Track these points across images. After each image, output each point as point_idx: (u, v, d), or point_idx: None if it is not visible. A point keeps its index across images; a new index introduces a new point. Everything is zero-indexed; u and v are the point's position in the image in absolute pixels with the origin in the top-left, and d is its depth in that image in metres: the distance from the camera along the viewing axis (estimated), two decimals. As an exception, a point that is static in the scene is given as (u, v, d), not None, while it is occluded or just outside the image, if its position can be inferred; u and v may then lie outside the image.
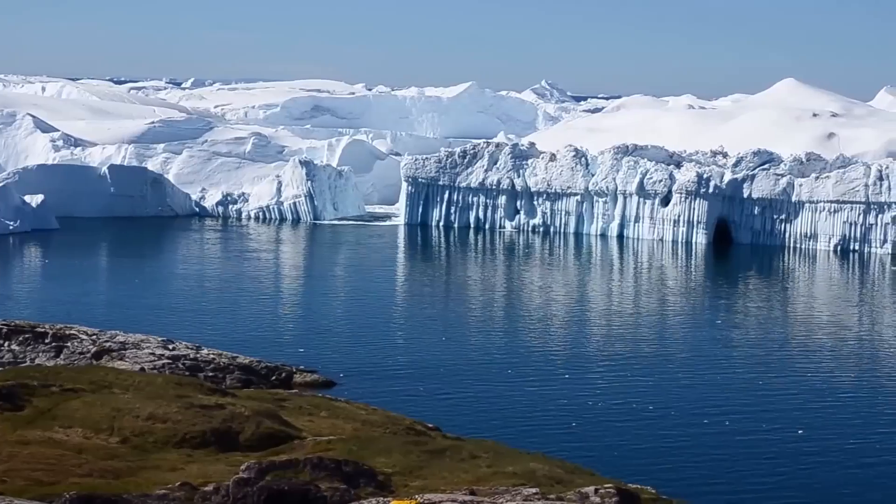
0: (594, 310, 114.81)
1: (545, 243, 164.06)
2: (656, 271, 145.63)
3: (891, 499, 60.26)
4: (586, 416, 73.04)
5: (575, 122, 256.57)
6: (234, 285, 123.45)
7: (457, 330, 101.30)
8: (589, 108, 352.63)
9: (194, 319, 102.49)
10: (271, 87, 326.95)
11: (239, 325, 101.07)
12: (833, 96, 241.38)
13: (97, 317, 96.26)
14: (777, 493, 60.08)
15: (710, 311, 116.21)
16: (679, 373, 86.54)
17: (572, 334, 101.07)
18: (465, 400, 76.55)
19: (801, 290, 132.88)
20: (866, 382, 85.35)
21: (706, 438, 69.44)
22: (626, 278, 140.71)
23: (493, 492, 29.39)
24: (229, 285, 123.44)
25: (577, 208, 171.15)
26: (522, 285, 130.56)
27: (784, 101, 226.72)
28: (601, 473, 38.99)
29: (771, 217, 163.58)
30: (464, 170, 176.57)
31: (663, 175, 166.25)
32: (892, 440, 70.30)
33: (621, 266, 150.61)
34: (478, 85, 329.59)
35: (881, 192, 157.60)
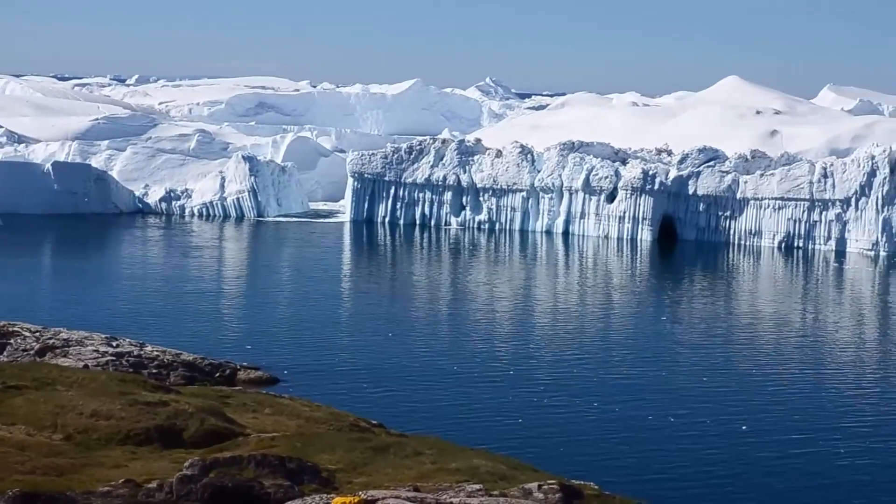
0: (539, 307, 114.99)
1: (491, 240, 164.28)
2: (601, 268, 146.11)
3: (833, 494, 60.69)
4: (531, 413, 73.13)
5: (519, 119, 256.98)
6: (178, 282, 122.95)
7: (402, 327, 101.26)
8: (533, 105, 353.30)
9: (138, 316, 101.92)
10: (216, 84, 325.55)
11: (183, 322, 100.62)
12: (776, 94, 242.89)
13: (41, 314, 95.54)
14: (720, 489, 60.39)
15: (655, 308, 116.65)
16: (624, 369, 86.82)
17: (517, 331, 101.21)
18: (410, 396, 76.52)
19: (746, 287, 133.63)
20: (810, 378, 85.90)
21: (650, 434, 69.67)
22: (572, 275, 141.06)
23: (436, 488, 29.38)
24: (173, 282, 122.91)
25: (522, 205, 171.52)
26: (468, 282, 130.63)
27: (728, 99, 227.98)
28: (545, 470, 39.06)
29: (716, 214, 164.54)
30: (410, 165, 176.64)
31: (609, 172, 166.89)
32: (834, 436, 70.80)
33: (567, 263, 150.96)
34: (422, 82, 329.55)
35: (825, 190, 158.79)
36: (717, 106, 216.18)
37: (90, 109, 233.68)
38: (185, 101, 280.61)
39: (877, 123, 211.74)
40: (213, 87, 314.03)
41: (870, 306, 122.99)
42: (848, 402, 78.98)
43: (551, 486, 29.58)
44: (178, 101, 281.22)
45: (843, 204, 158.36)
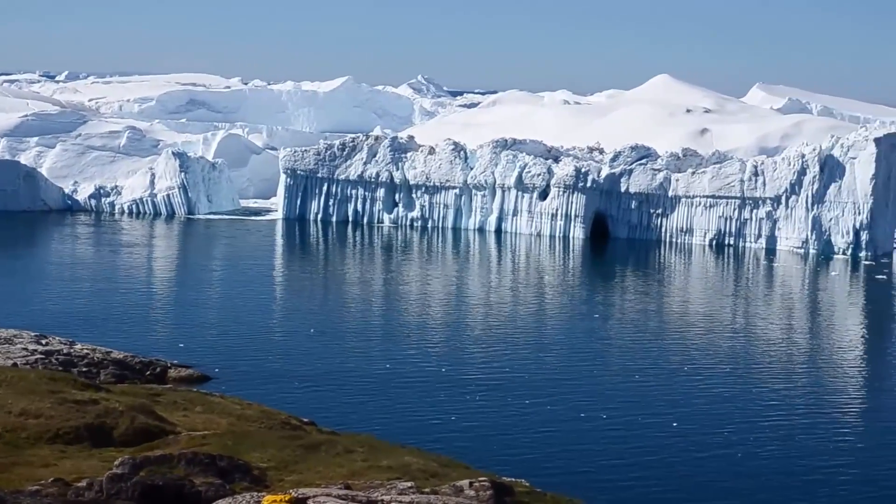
0: (472, 305, 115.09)
1: (423, 238, 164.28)
2: (534, 266, 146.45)
3: (764, 488, 61.13)
4: (463, 411, 73.18)
5: (451, 116, 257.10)
6: (108, 280, 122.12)
7: (333, 325, 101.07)
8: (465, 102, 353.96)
9: (68, 315, 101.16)
10: (147, 81, 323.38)
11: (113, 320, 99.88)
12: (706, 92, 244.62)
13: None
14: (652, 485, 60.67)
15: (587, 306, 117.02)
16: (556, 366, 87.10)
17: (450, 329, 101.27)
18: (341, 395, 76.38)
19: (677, 285, 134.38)
20: (740, 375, 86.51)
21: (582, 431, 69.92)
22: (504, 273, 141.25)
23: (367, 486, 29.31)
24: (103, 280, 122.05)
25: (455, 202, 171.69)
26: (400, 281, 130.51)
27: (658, 97, 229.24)
28: (477, 467, 39.05)
29: (647, 211, 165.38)
30: (343, 162, 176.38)
31: (541, 169, 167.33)
32: (764, 431, 71.33)
33: (499, 261, 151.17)
34: (354, 79, 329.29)
35: (756, 188, 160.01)
36: (647, 104, 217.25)
37: (19, 106, 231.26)
38: (116, 97, 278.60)
39: (805, 122, 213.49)
40: (144, 84, 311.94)
41: (799, 304, 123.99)
42: (777, 398, 79.61)
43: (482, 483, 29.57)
44: (108, 97, 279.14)
45: (773, 202, 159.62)
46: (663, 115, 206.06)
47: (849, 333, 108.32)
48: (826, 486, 61.78)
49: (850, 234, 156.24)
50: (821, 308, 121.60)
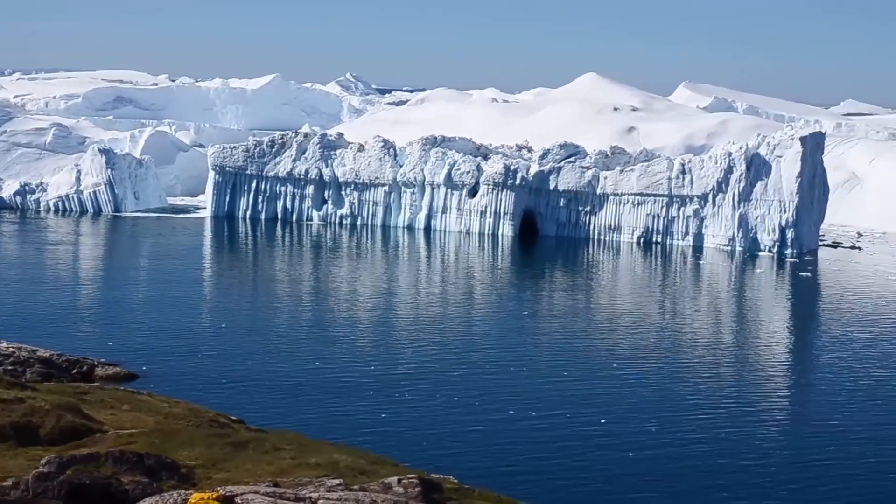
0: (402, 303, 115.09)
1: (353, 236, 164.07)
2: (463, 263, 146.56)
3: (690, 483, 61.55)
4: (392, 408, 73.19)
5: (380, 114, 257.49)
6: (34, 278, 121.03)
7: (262, 323, 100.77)
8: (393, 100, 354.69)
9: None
10: (73, 78, 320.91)
11: (39, 318, 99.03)
12: (633, 91, 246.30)
13: None
14: (579, 481, 60.94)
15: (516, 303, 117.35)
16: (485, 363, 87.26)
17: (379, 327, 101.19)
18: (270, 392, 76.15)
19: (605, 282, 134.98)
20: (668, 371, 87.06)
21: (510, 428, 70.07)
22: (434, 270, 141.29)
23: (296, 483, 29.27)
24: (28, 278, 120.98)
25: (384, 199, 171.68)
26: (330, 279, 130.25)
27: (586, 95, 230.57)
28: (405, 464, 39.12)
29: (576, 209, 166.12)
30: (272, 159, 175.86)
31: (471, 167, 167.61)
32: (691, 427, 71.84)
33: (428, 258, 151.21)
34: (282, 77, 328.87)
35: (684, 186, 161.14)
36: (575, 102, 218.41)
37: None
38: (42, 94, 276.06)
39: (731, 121, 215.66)
40: (70, 81, 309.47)
41: (726, 301, 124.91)
42: (704, 394, 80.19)
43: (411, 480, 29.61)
44: (34, 94, 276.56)
45: (700, 200, 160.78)
46: (591, 114, 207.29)
47: (774, 330, 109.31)
48: (752, 480, 62.30)
49: (775, 232, 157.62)
50: (747, 305, 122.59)
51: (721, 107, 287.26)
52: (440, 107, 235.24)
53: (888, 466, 65.79)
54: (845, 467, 65.33)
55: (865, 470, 65.00)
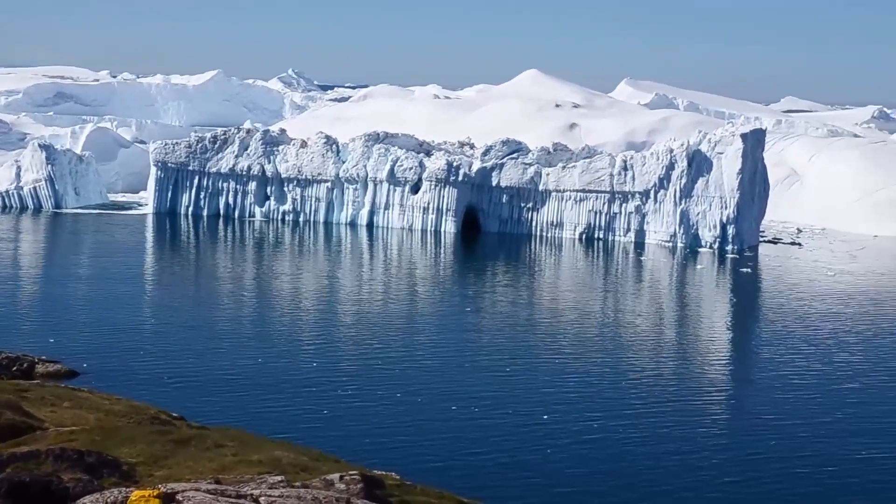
0: (344, 299, 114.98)
1: (295, 233, 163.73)
2: (406, 260, 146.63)
3: (632, 477, 61.87)
4: (335, 404, 73.14)
5: (322, 110, 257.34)
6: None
7: (204, 321, 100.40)
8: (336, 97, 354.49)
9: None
10: (13, 73, 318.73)
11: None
12: (575, 87, 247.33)
13: None
14: (522, 476, 61.10)
15: (459, 299, 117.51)
16: (428, 360, 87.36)
17: (321, 324, 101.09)
18: (212, 389, 75.90)
19: (548, 278, 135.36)
20: (610, 367, 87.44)
21: (453, 424, 70.20)
22: (376, 267, 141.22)
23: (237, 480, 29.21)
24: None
25: (327, 195, 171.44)
26: (273, 276, 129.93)
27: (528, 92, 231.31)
28: (347, 460, 39.10)
29: (518, 205, 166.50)
30: (214, 155, 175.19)
31: (413, 163, 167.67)
32: (633, 422, 72.20)
33: (371, 255, 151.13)
34: (224, 73, 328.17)
35: (625, 182, 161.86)
36: (517, 99, 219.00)
37: None
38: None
39: (672, 117, 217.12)
40: (10, 77, 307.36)
41: (667, 296, 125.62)
42: (645, 390, 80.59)
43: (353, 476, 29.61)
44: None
45: (642, 196, 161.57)
46: (533, 110, 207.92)
47: (715, 326, 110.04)
48: (693, 474, 62.68)
49: (716, 228, 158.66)
50: (688, 301, 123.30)
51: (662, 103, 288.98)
52: (382, 103, 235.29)
53: (827, 460, 66.39)
54: (785, 461, 65.85)
55: (805, 464, 65.56)
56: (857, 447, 69.04)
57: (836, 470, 64.74)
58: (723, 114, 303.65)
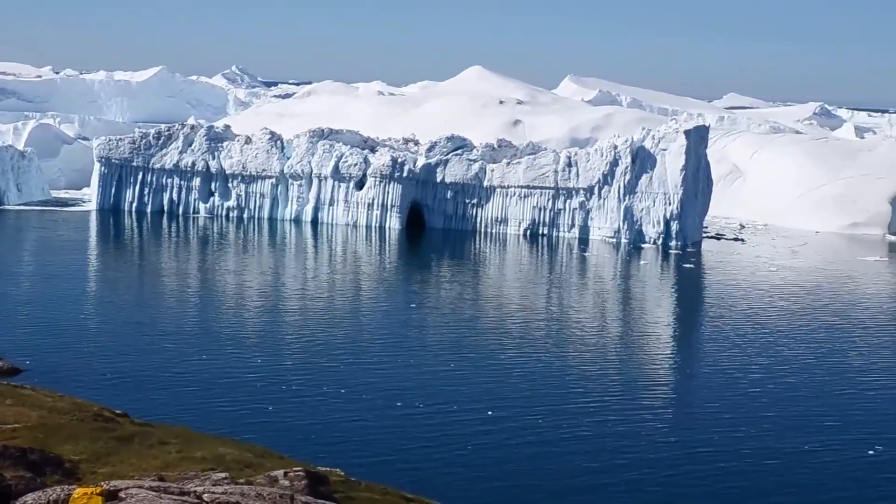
0: (288, 296, 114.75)
1: (240, 229, 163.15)
2: (351, 256, 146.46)
3: (575, 472, 62.11)
4: (279, 401, 73.03)
5: (266, 107, 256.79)
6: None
7: (147, 317, 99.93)
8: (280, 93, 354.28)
9: None
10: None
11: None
12: (519, 84, 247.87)
13: None
14: (465, 472, 61.24)
15: (404, 296, 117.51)
16: (373, 356, 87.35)
17: (266, 320, 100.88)
18: (155, 386, 75.61)
19: (492, 274, 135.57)
20: (554, 363, 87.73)
21: (398, 420, 70.25)
22: (321, 264, 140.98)
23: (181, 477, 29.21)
24: None
25: (272, 191, 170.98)
26: (216, 272, 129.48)
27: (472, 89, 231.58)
28: (292, 457, 39.17)
29: (463, 202, 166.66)
30: (158, 151, 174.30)
31: (358, 159, 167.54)
32: (578, 418, 72.49)
33: (316, 251, 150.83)
34: (168, 69, 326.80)
35: (570, 178, 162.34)
36: (461, 95, 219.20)
37: None
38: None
39: (616, 114, 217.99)
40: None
41: (611, 292, 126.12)
42: (590, 385, 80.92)
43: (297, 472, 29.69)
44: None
45: (586, 192, 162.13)
46: (477, 107, 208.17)
47: (658, 321, 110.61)
48: (635, 469, 63.04)
49: (660, 224, 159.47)
50: (632, 296, 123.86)
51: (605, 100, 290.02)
52: (326, 100, 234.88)
53: (769, 454, 66.91)
54: (728, 456, 66.35)
55: (747, 458, 66.06)
56: (798, 441, 69.66)
57: (777, 464, 65.28)
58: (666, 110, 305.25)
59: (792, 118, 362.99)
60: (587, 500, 58.76)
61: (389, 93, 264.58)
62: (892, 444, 70.19)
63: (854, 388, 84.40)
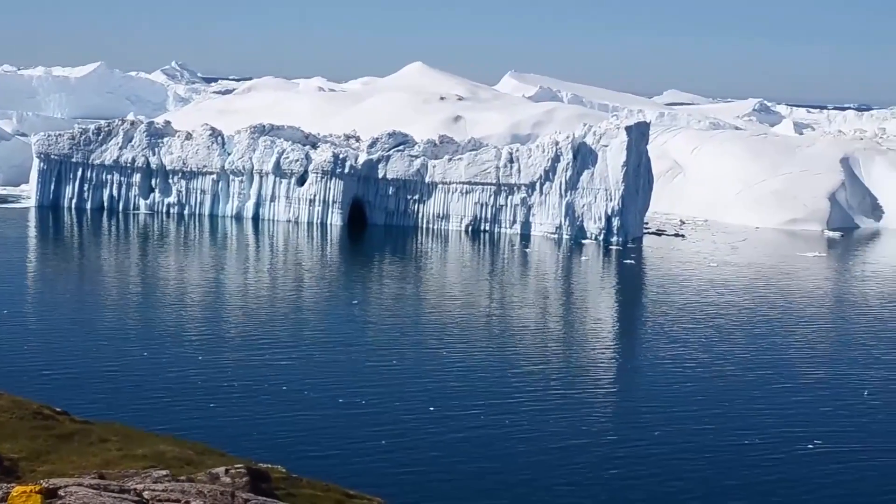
0: (231, 292, 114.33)
1: (180, 226, 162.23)
2: (293, 253, 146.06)
3: (517, 467, 62.25)
4: (221, 398, 72.80)
5: (206, 103, 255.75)
6: None
7: (87, 314, 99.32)
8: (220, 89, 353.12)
9: None
10: None
11: None
12: (460, 80, 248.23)
13: None
14: (408, 469, 61.26)
15: (346, 292, 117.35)
16: (315, 353, 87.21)
17: (207, 317, 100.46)
18: (96, 383, 75.18)
19: (434, 270, 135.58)
20: (496, 359, 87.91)
21: (340, 417, 70.20)
22: (263, 260, 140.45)
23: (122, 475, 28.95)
24: None
25: (213, 187, 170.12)
26: (158, 270, 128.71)
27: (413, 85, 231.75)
28: (233, 454, 38.95)
29: (405, 198, 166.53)
30: (98, 147, 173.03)
31: (299, 155, 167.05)
32: (519, 413, 72.64)
33: (257, 248, 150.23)
34: (106, 65, 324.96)
35: (511, 174, 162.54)
36: (402, 91, 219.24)
37: None
38: None
39: (556, 110, 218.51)
40: None
41: (553, 288, 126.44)
42: (531, 380, 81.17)
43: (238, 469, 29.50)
44: None
45: (528, 188, 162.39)
46: (418, 103, 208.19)
47: (599, 317, 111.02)
48: (576, 464, 63.24)
49: (601, 220, 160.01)
50: (573, 292, 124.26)
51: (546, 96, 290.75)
52: (267, 96, 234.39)
53: (709, 449, 67.33)
54: (668, 451, 66.70)
55: (687, 453, 66.43)
56: (738, 436, 70.13)
57: (718, 459, 65.71)
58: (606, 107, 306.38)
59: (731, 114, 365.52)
60: (527, 494, 58.88)
61: (330, 89, 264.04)
62: (831, 438, 70.79)
63: (793, 383, 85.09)
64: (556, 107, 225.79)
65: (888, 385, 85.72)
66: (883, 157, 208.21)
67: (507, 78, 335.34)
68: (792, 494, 61.21)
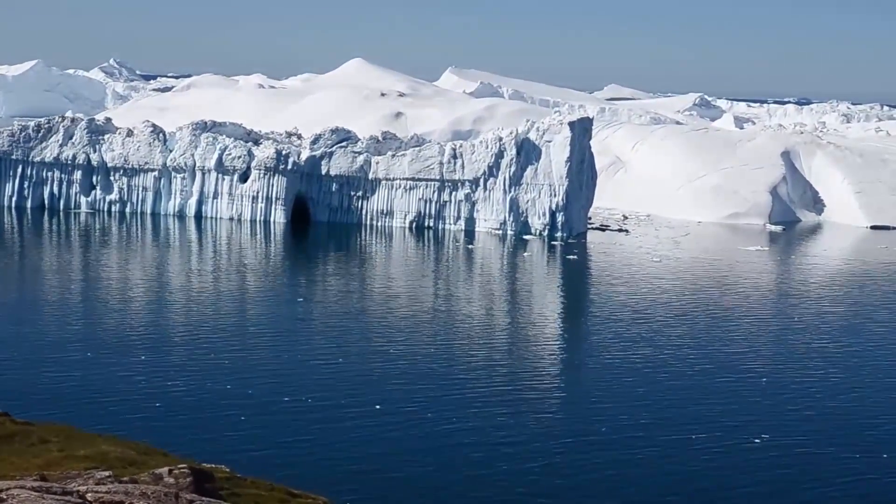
0: (173, 292, 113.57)
1: (122, 226, 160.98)
2: (236, 251, 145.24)
3: (462, 462, 62.13)
4: (163, 398, 72.28)
5: (145, 100, 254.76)
6: None
7: (28, 314, 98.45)
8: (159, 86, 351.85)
9: None
10: None
11: None
12: (400, 76, 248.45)
13: None
14: (353, 468, 61.05)
15: (290, 290, 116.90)
16: (259, 351, 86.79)
17: (150, 316, 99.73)
18: (37, 384, 74.46)
19: (379, 267, 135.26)
20: (441, 356, 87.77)
21: (285, 416, 69.86)
22: (206, 259, 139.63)
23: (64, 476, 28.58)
24: None
25: (154, 185, 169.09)
26: (99, 269, 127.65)
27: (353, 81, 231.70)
28: (176, 454, 38.59)
29: (348, 194, 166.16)
30: (38, 144, 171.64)
31: (242, 152, 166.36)
32: (464, 408, 72.53)
33: (200, 246, 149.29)
34: (44, 62, 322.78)
35: (455, 171, 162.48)
36: (343, 88, 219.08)
37: None
38: None
39: (498, 106, 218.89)
40: None
41: (497, 283, 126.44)
42: (477, 376, 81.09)
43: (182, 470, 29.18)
44: None
45: (471, 184, 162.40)
46: (358, 99, 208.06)
47: (543, 313, 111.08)
48: (521, 460, 63.19)
49: (546, 216, 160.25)
50: (517, 288, 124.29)
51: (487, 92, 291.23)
52: (207, 93, 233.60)
53: (655, 444, 67.48)
54: (614, 446, 66.79)
55: (633, 448, 66.55)
56: (685, 431, 70.31)
57: (664, 454, 65.86)
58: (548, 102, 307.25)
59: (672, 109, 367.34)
60: (471, 490, 58.78)
61: (270, 86, 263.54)
62: (778, 431, 71.12)
63: (737, 376, 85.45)
64: (497, 103, 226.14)
65: (829, 377, 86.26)
66: (823, 151, 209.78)
67: (448, 74, 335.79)
68: (739, 489, 61.35)
